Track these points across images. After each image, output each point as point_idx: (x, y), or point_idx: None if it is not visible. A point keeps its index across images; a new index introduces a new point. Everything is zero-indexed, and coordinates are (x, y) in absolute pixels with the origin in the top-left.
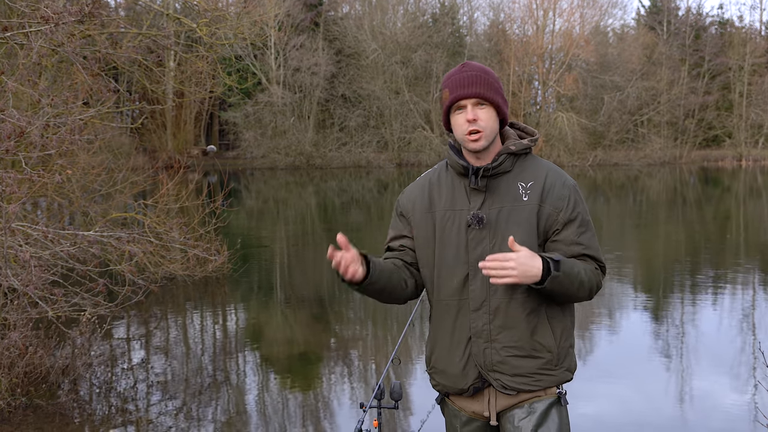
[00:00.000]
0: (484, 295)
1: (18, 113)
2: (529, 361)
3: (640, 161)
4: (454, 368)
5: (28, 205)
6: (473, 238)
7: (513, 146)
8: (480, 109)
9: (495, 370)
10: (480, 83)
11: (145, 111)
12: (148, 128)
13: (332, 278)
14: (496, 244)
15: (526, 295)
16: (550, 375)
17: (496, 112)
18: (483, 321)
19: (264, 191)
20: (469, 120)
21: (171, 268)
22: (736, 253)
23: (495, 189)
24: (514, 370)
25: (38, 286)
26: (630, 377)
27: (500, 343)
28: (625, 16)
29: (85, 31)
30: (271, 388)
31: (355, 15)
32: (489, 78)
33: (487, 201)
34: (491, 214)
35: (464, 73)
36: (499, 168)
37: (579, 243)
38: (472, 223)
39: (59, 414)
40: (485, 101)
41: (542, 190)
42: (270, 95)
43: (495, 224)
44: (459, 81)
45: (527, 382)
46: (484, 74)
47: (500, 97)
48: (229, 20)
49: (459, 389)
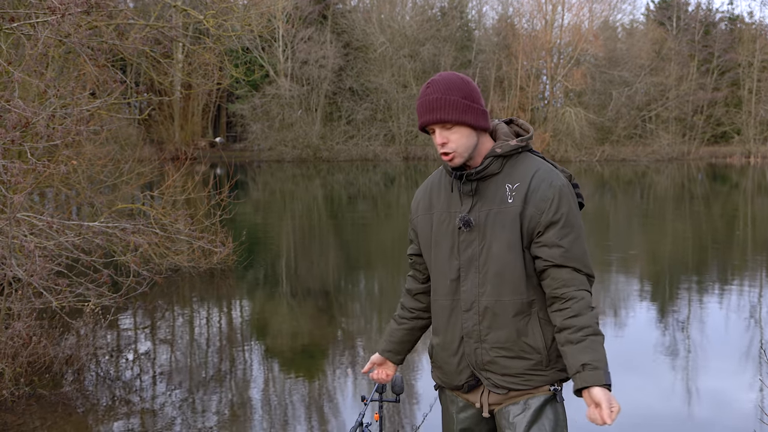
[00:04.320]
0: (473, 297)
1: (24, 104)
2: (517, 361)
3: (648, 157)
4: (449, 366)
5: (35, 195)
6: (464, 240)
7: (499, 149)
8: (448, 131)
9: (486, 369)
10: (442, 107)
11: (152, 102)
12: (156, 120)
13: (338, 271)
14: (484, 246)
15: (512, 297)
16: (540, 375)
17: (469, 128)
18: (473, 321)
19: (271, 183)
20: (439, 144)
21: (176, 260)
22: (744, 250)
23: (484, 192)
24: (503, 370)
25: (43, 276)
26: (636, 374)
27: (489, 343)
28: (634, 11)
29: (92, 22)
30: (274, 380)
31: (364, 8)
32: (452, 97)
33: (477, 204)
34: (480, 217)
35: (428, 97)
36: (485, 171)
37: (560, 246)
38: (461, 225)
39: (63, 404)
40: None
41: (527, 192)
42: (277, 88)
43: (483, 227)
44: (423, 105)
45: (517, 382)
46: (448, 94)
47: (470, 114)
48: (236, 12)
49: (455, 386)
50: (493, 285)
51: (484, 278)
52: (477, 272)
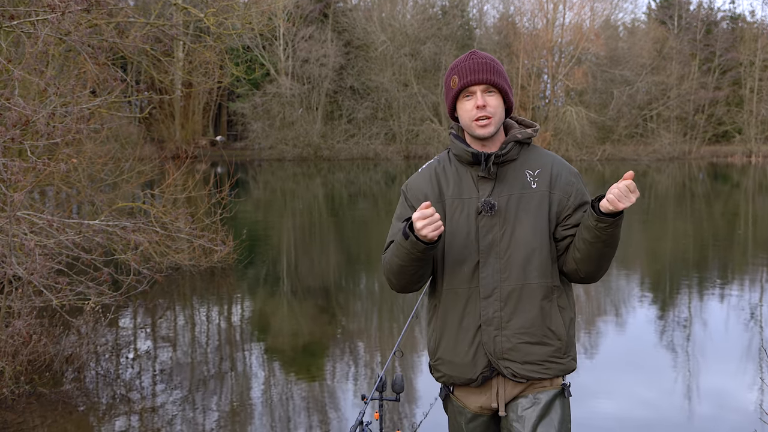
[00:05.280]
0: (495, 282)
1: (24, 102)
2: (539, 347)
3: (649, 156)
4: (462, 358)
5: (35, 194)
6: (484, 225)
7: (519, 134)
8: (489, 95)
9: (505, 357)
10: (489, 70)
11: (153, 101)
12: (157, 118)
13: (338, 269)
14: (506, 231)
15: (540, 280)
16: (558, 363)
17: (503, 100)
18: (494, 308)
19: (271, 182)
20: (479, 106)
21: (176, 258)
22: (745, 250)
23: (503, 177)
24: (524, 357)
25: (43, 274)
26: (637, 373)
27: (511, 329)
28: (635, 10)
29: (93, 20)
30: (275, 379)
31: (365, 6)
32: (497, 66)
33: (497, 188)
34: (501, 201)
35: (473, 60)
36: (508, 155)
37: None
38: (484, 209)
39: (63, 402)
40: (494, 88)
41: (550, 178)
42: (278, 86)
43: (505, 211)
44: (469, 67)
45: (537, 370)
46: (493, 62)
47: (507, 85)
48: (237, 10)
49: (467, 379)
50: (519, 269)
51: (507, 263)
52: (498, 258)
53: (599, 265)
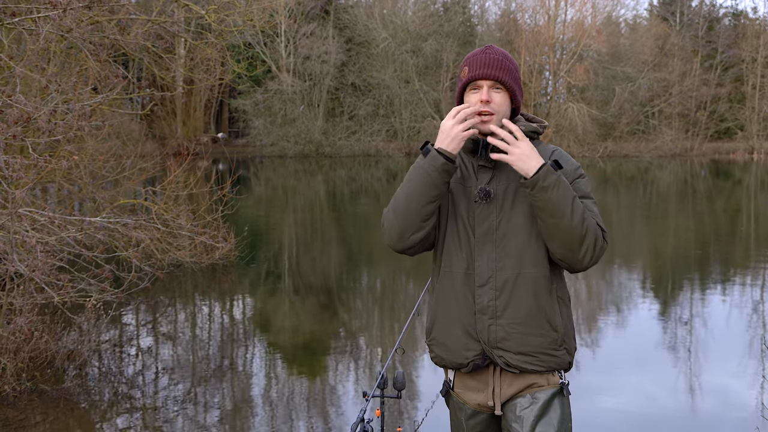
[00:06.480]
0: (490, 271)
1: (26, 99)
2: (534, 339)
3: (651, 153)
4: (454, 342)
5: (37, 191)
6: (480, 213)
7: (522, 127)
8: (495, 92)
9: (499, 347)
10: (500, 67)
11: (154, 98)
12: (158, 115)
13: (340, 266)
14: (503, 219)
15: (535, 270)
16: (553, 355)
17: (510, 99)
18: (488, 297)
19: (273, 179)
20: (483, 101)
21: (178, 255)
22: (747, 246)
23: (502, 167)
24: (518, 348)
25: (44, 271)
26: (639, 370)
27: (505, 319)
28: (637, 7)
29: (94, 17)
30: (276, 376)
31: (366, 3)
32: (509, 64)
33: (495, 178)
34: (498, 190)
35: (486, 55)
36: None
37: (590, 210)
38: (480, 197)
39: (64, 399)
40: (501, 85)
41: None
42: (280, 83)
43: (502, 200)
44: (480, 61)
45: (531, 362)
46: (506, 60)
47: (517, 85)
48: (238, 7)
49: (458, 364)
50: (514, 258)
51: (502, 252)
52: (494, 246)
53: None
